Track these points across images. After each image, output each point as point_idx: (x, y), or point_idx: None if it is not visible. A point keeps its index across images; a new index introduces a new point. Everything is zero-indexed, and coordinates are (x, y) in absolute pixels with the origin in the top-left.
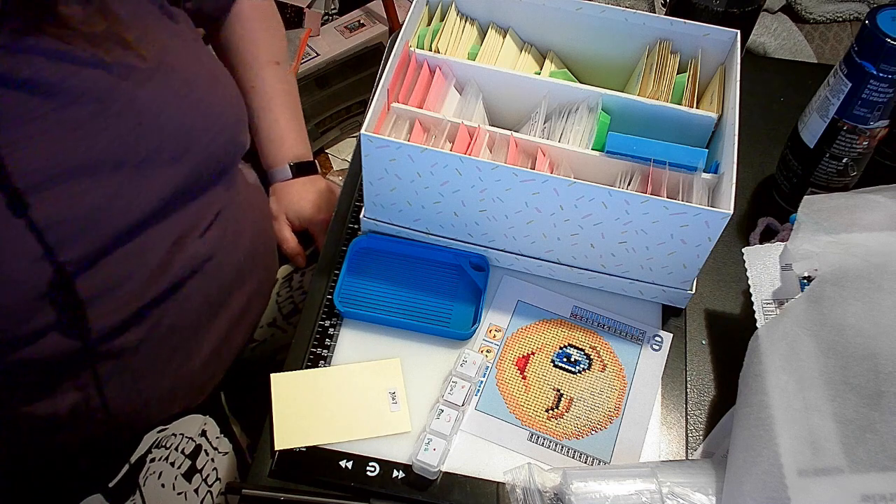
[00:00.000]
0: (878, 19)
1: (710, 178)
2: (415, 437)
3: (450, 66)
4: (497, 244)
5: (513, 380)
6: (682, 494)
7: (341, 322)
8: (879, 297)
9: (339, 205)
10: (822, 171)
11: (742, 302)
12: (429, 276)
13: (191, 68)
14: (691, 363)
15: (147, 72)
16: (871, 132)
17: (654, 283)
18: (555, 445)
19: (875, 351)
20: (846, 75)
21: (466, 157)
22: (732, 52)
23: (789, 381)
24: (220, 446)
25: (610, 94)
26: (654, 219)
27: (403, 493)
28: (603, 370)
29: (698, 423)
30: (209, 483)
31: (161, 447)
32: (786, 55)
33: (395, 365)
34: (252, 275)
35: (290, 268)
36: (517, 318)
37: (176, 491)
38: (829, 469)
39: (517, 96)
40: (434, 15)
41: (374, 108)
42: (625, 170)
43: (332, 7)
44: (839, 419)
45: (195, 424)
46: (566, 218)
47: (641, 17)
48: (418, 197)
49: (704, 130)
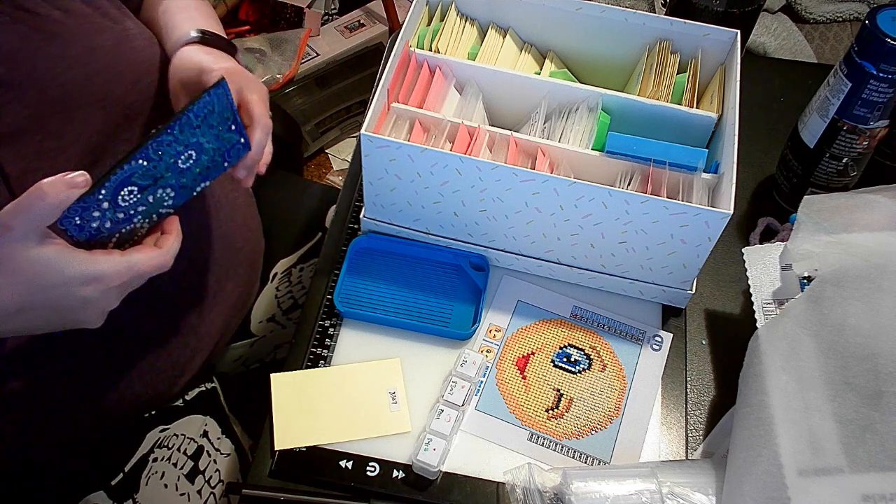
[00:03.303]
0: (878, 19)
1: (710, 178)
2: (415, 437)
3: (450, 66)
4: (497, 244)
5: (513, 380)
6: (682, 494)
7: (341, 322)
8: (879, 297)
9: (339, 205)
10: (822, 171)
11: (742, 302)
12: (429, 276)
13: (94, 35)
14: (691, 363)
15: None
16: (871, 132)
17: (654, 283)
18: (555, 445)
19: (875, 351)
20: (846, 75)
21: (466, 157)
22: (732, 52)
23: (789, 381)
24: (221, 447)
25: (610, 94)
26: (654, 219)
27: (403, 493)
28: (603, 370)
29: (698, 423)
30: (212, 484)
31: (163, 447)
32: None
33: (395, 365)
34: (226, 256)
35: (289, 262)
36: (517, 318)
37: (179, 492)
38: (829, 469)
39: (517, 96)
40: (434, 15)
41: (374, 108)
42: (625, 170)
43: (332, 7)
44: (839, 419)
45: (196, 425)
46: (566, 218)
47: (641, 17)
48: (418, 197)
49: (704, 130)
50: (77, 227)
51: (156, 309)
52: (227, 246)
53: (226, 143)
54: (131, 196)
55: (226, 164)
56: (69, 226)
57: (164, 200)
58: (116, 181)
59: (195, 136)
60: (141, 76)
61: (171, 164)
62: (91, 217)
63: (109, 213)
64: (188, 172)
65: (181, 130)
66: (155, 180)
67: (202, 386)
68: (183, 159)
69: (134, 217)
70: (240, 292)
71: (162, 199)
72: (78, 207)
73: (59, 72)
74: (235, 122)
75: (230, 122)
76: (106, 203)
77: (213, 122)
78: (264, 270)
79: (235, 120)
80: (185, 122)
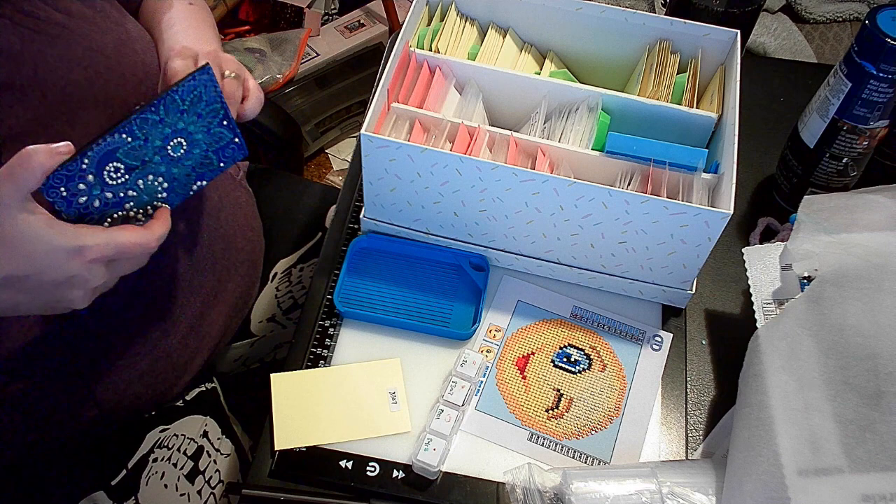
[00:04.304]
0: (878, 19)
1: (710, 178)
2: (415, 437)
3: (450, 66)
4: (497, 244)
5: (513, 380)
6: (682, 494)
7: (341, 322)
8: (879, 298)
9: (339, 205)
10: (822, 171)
11: (742, 302)
12: (429, 276)
13: (95, 37)
14: (691, 363)
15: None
16: (871, 132)
17: (654, 283)
18: (555, 445)
19: (875, 351)
20: (846, 75)
21: (466, 157)
22: (732, 52)
23: (789, 381)
24: (221, 447)
25: (610, 94)
26: (654, 219)
27: (403, 493)
28: (603, 370)
29: (698, 423)
30: (212, 485)
31: (163, 447)
32: (786, 55)
33: (395, 365)
34: (227, 256)
35: (289, 262)
36: (517, 318)
37: (179, 492)
38: (829, 469)
39: (517, 96)
40: (434, 15)
41: (374, 108)
42: (625, 170)
43: (332, 7)
44: (839, 419)
45: (196, 425)
46: (566, 218)
47: (641, 17)
48: (418, 197)
49: (704, 130)
50: (64, 201)
51: (156, 309)
52: (228, 246)
53: (217, 140)
54: (118, 175)
55: (221, 164)
56: (56, 197)
57: (157, 192)
58: (100, 152)
59: (182, 121)
60: (143, 78)
61: (158, 147)
62: (77, 189)
63: (97, 189)
64: (179, 163)
65: (166, 112)
66: (143, 163)
67: (202, 386)
68: (173, 146)
69: (124, 201)
70: (240, 292)
71: (154, 188)
72: (62, 176)
73: (62, 74)
74: (227, 117)
75: (221, 116)
76: (91, 176)
77: (201, 110)
78: (264, 270)
79: (227, 115)
80: (169, 102)
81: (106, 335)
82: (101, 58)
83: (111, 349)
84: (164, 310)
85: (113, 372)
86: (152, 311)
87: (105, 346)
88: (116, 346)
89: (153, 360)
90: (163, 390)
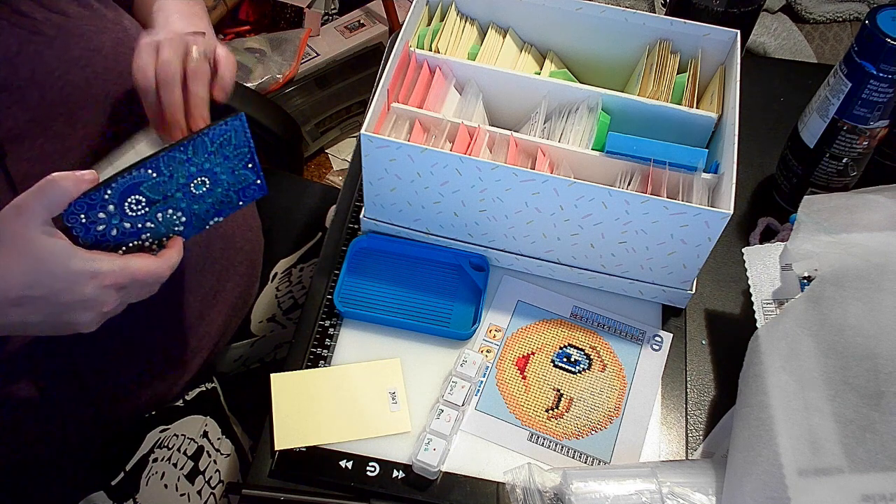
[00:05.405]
0: (878, 19)
1: (710, 178)
2: (415, 437)
3: (450, 66)
4: (497, 244)
5: (513, 380)
6: (682, 494)
7: (341, 322)
8: (879, 298)
9: (339, 205)
10: (822, 171)
11: (742, 302)
12: (429, 276)
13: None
14: (691, 363)
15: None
16: (871, 132)
17: (654, 283)
18: (555, 445)
19: (875, 351)
20: (846, 75)
21: (466, 157)
22: (732, 52)
23: (789, 381)
24: (221, 447)
25: (610, 94)
26: (654, 219)
27: (403, 493)
28: (603, 370)
29: (698, 423)
30: (212, 485)
31: (163, 447)
32: (786, 55)
33: (395, 365)
34: (226, 255)
35: (289, 262)
36: (517, 318)
37: (179, 492)
38: (829, 469)
39: (517, 96)
40: (434, 15)
41: (374, 108)
42: (625, 170)
43: (332, 7)
44: (839, 419)
45: (196, 425)
46: (566, 218)
47: (641, 17)
48: (418, 197)
49: (704, 130)
50: (83, 227)
51: (156, 309)
52: (228, 245)
53: (241, 181)
54: (139, 207)
55: (240, 202)
56: (75, 223)
57: (175, 225)
58: (124, 184)
59: (209, 161)
60: None
61: (182, 184)
62: (96, 218)
63: (115, 219)
64: (201, 200)
65: (195, 151)
66: (165, 198)
67: (202, 386)
68: (196, 184)
69: (141, 232)
70: (240, 292)
71: (172, 221)
72: (83, 203)
73: (60, 74)
74: (253, 161)
75: (247, 159)
76: (112, 206)
77: (229, 153)
78: (264, 270)
79: (253, 159)
80: (199, 143)
81: (105, 335)
82: (99, 58)
83: (111, 349)
84: (164, 310)
85: (113, 372)
86: (152, 311)
87: (105, 346)
88: (116, 345)
89: (153, 360)
90: (163, 390)
